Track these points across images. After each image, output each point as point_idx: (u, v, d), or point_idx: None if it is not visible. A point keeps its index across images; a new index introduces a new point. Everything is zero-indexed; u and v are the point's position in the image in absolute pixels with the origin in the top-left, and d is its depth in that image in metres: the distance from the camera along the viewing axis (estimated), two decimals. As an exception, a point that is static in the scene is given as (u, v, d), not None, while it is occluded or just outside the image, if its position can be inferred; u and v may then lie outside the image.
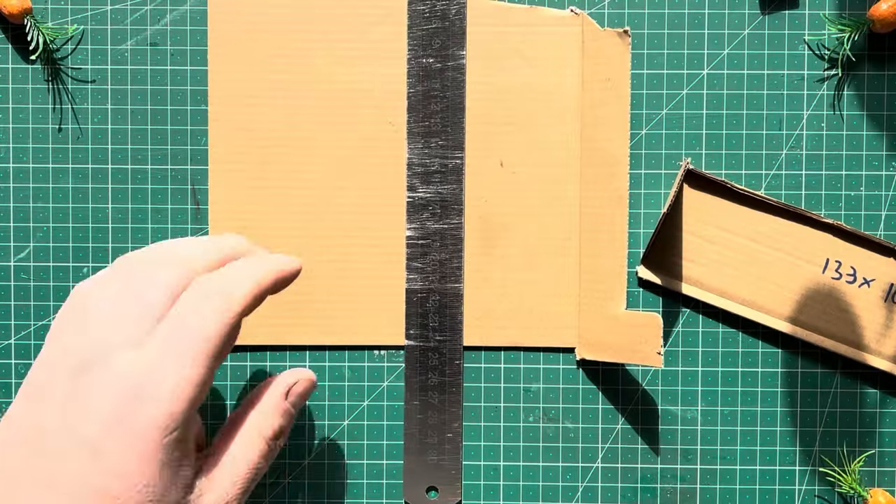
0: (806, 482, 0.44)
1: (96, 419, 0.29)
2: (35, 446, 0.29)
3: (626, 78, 0.42)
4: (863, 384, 0.44)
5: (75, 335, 0.31)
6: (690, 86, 0.44)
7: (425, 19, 0.43)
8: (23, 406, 0.31)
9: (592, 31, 0.43)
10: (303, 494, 0.45)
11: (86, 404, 0.29)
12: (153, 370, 0.30)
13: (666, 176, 0.44)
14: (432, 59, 0.43)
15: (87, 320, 0.31)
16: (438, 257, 0.44)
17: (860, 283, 0.43)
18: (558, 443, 0.45)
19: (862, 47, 0.44)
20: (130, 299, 0.31)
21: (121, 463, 0.29)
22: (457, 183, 0.44)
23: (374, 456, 0.45)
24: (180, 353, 0.30)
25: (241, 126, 0.44)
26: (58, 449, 0.29)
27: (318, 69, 0.44)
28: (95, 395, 0.29)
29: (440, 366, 0.44)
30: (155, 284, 0.31)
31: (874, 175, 0.44)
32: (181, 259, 0.32)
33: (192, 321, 0.30)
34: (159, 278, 0.31)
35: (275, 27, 0.43)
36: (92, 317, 0.31)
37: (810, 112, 0.44)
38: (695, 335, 0.44)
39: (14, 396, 0.44)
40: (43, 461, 0.29)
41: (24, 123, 0.44)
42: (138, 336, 0.30)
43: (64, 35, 0.44)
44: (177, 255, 0.32)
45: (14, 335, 0.44)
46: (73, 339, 0.31)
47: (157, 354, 0.30)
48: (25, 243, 0.44)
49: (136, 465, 0.29)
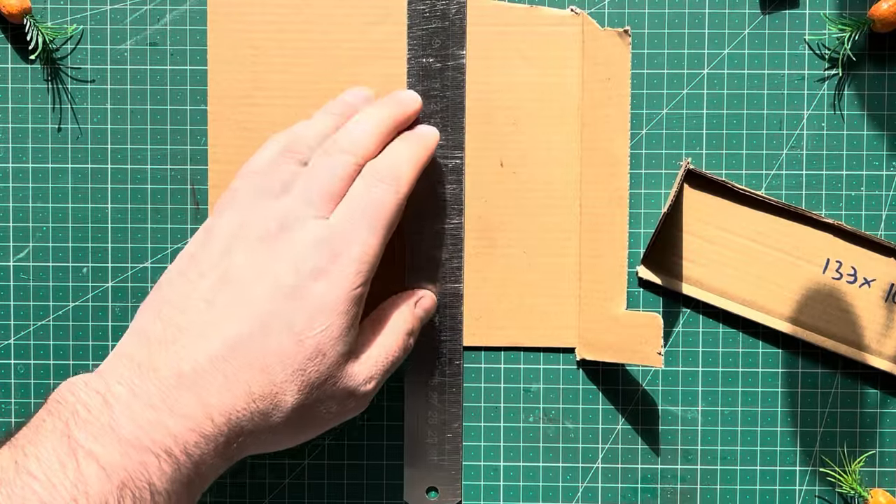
0: (806, 483, 0.44)
1: (294, 268, 0.35)
2: (223, 280, 0.35)
3: (627, 78, 0.42)
4: (863, 384, 0.44)
5: (270, 200, 0.37)
6: (691, 85, 0.44)
7: (425, 19, 0.43)
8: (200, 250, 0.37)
9: (592, 31, 0.43)
10: (303, 494, 0.45)
11: (284, 256, 0.35)
12: (341, 235, 0.36)
13: (666, 176, 0.44)
14: (432, 59, 0.43)
15: (277, 194, 0.37)
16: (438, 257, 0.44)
17: (861, 283, 0.43)
18: (558, 443, 0.44)
19: (862, 47, 0.44)
20: (313, 181, 0.37)
21: (311, 305, 0.35)
22: (457, 183, 0.44)
23: (374, 456, 0.45)
24: (363, 225, 0.36)
25: (240, 126, 0.44)
26: (250, 287, 0.35)
27: (318, 69, 0.44)
28: (295, 250, 0.35)
29: (440, 366, 0.44)
30: (333, 166, 0.37)
31: (875, 175, 0.44)
32: (352, 147, 0.38)
33: (371, 200, 0.36)
34: (336, 165, 0.37)
35: (275, 27, 0.43)
36: (282, 194, 0.37)
37: (811, 112, 0.44)
38: (695, 335, 0.44)
39: (13, 397, 0.44)
40: (232, 295, 0.35)
41: (24, 123, 0.44)
42: (324, 211, 0.36)
43: (63, 35, 0.44)
44: (347, 143, 0.38)
45: (13, 335, 0.44)
46: (264, 207, 0.37)
47: (343, 224, 0.36)
48: (25, 243, 0.44)
49: (323, 309, 0.35)
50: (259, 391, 0.34)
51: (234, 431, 0.34)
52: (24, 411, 0.44)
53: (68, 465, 0.30)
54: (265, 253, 0.35)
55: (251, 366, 0.34)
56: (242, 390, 0.34)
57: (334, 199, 0.37)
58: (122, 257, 0.44)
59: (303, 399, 0.35)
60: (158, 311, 0.35)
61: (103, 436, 0.31)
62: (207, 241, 0.37)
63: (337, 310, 0.35)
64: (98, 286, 0.44)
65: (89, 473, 0.30)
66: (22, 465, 0.29)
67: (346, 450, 0.45)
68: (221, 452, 0.33)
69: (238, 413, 0.33)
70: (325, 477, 0.45)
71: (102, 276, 0.44)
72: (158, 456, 0.31)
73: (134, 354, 0.34)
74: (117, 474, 0.30)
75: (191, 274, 0.36)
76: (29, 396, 0.44)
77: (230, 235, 0.36)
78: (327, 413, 0.36)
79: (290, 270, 0.35)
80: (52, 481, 0.29)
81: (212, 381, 0.33)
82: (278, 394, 0.34)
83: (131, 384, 0.32)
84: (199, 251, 0.36)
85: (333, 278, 0.35)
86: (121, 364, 0.33)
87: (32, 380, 0.44)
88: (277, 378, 0.34)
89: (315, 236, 0.35)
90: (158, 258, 0.44)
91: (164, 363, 0.33)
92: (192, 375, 0.33)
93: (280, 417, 0.35)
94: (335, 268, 0.35)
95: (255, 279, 0.35)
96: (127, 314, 0.44)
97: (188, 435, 0.32)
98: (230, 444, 0.34)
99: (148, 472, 0.31)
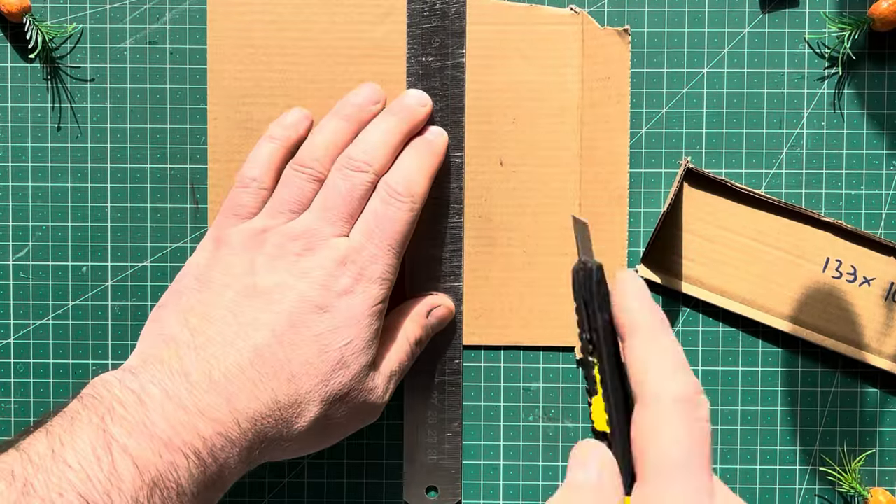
0: (806, 481, 0.44)
1: (318, 284, 0.37)
2: (249, 293, 0.37)
3: (626, 77, 0.42)
4: (863, 383, 0.44)
5: (286, 217, 0.39)
6: (690, 84, 0.44)
7: (425, 18, 0.43)
8: (213, 260, 0.38)
9: (592, 30, 0.43)
10: (302, 493, 0.45)
11: (308, 273, 0.37)
12: (362, 253, 0.37)
13: (666, 175, 0.44)
14: (432, 58, 0.43)
15: (294, 210, 0.39)
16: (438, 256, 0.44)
17: (860, 282, 0.43)
18: (558, 442, 0.44)
19: (862, 46, 0.44)
20: (333, 201, 0.38)
21: (336, 319, 0.36)
22: (456, 182, 0.44)
23: (373, 455, 0.45)
24: (383, 243, 0.38)
25: (240, 125, 0.44)
26: (277, 301, 0.36)
27: (318, 68, 0.44)
28: (320, 267, 0.37)
29: (440, 365, 0.44)
30: (353, 186, 0.38)
31: (874, 174, 0.44)
32: (367, 164, 0.39)
33: (388, 218, 0.38)
34: (355, 185, 0.38)
35: (274, 26, 0.43)
36: (299, 211, 0.39)
37: (810, 111, 0.44)
38: (695, 334, 0.44)
39: (12, 396, 0.44)
40: (259, 308, 0.36)
41: (23, 122, 0.44)
42: (344, 229, 0.38)
43: (63, 34, 0.44)
44: (362, 160, 0.39)
45: (13, 334, 0.44)
46: (282, 223, 0.38)
47: (363, 242, 0.38)
48: (24, 242, 0.44)
49: (349, 323, 0.37)
50: (285, 400, 0.35)
51: (259, 437, 0.35)
52: (23, 410, 0.44)
53: (104, 459, 0.30)
54: (290, 269, 0.37)
55: (277, 375, 0.35)
56: (269, 398, 0.35)
57: (354, 216, 0.38)
58: (121, 256, 0.44)
59: (325, 409, 0.36)
60: (185, 321, 0.36)
61: (138, 433, 0.31)
62: (224, 251, 0.38)
63: (361, 324, 0.37)
64: (98, 285, 0.44)
65: (123, 469, 0.30)
66: (59, 455, 0.30)
67: (345, 449, 0.45)
68: (244, 458, 0.35)
69: (264, 420, 0.35)
70: (324, 476, 0.45)
71: (102, 274, 0.44)
72: (188, 457, 0.32)
73: (164, 358, 0.35)
74: (149, 472, 0.31)
75: (213, 285, 0.37)
76: (28, 396, 0.44)
77: (250, 250, 0.38)
78: (347, 423, 0.38)
79: (314, 286, 0.37)
80: (87, 473, 0.30)
81: (240, 388, 0.34)
82: (302, 403, 0.36)
83: (164, 386, 0.33)
84: (217, 262, 0.38)
85: (357, 295, 0.37)
86: (152, 366, 0.34)
87: (32, 379, 0.44)
88: (303, 388, 0.36)
89: (338, 255, 0.37)
90: (158, 257, 0.44)
91: (196, 368, 0.34)
92: (222, 381, 0.34)
93: (303, 426, 0.36)
94: (359, 286, 0.37)
95: (281, 294, 0.37)
96: (126, 313, 0.44)
97: (216, 438, 0.33)
98: (253, 449, 0.35)
99: (177, 473, 0.32)
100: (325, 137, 0.40)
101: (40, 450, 0.30)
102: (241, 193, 0.39)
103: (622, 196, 0.42)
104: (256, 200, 0.39)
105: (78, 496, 0.29)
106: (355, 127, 0.40)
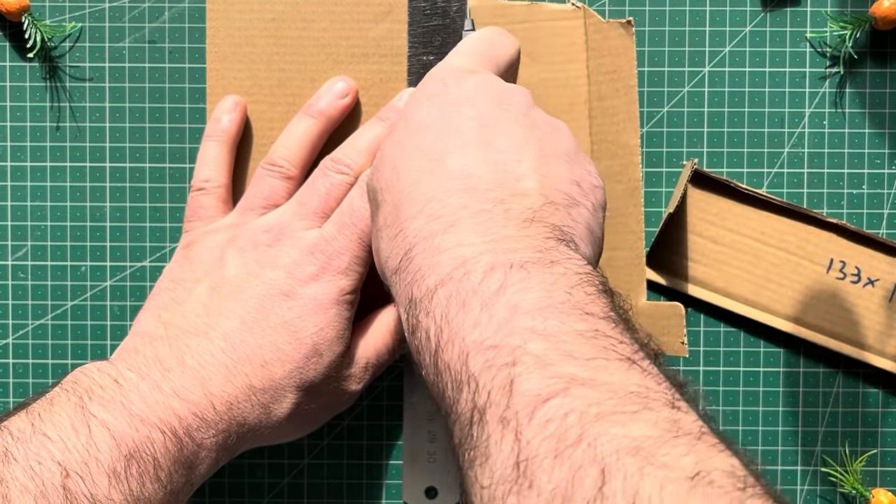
0: (808, 482, 0.44)
1: (286, 272, 0.37)
2: (218, 285, 0.38)
3: (633, 68, 0.42)
4: (865, 384, 0.44)
5: (257, 213, 0.40)
6: (692, 83, 0.44)
7: (426, 16, 0.43)
8: (190, 256, 0.39)
9: (595, 24, 0.43)
10: (302, 494, 0.45)
11: (277, 262, 0.38)
12: (332, 244, 0.38)
13: (667, 174, 0.44)
14: (433, 57, 0.43)
15: (264, 207, 0.40)
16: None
17: (864, 283, 0.43)
18: (559, 442, 0.44)
19: (864, 45, 0.44)
20: (311, 199, 0.39)
21: (304, 306, 0.37)
22: (457, 181, 0.43)
23: (373, 456, 0.45)
24: (353, 236, 0.38)
25: (240, 124, 0.43)
26: (245, 290, 0.37)
27: (318, 67, 0.43)
28: (288, 256, 0.38)
29: (440, 365, 0.44)
30: (332, 186, 0.39)
31: (876, 173, 0.44)
32: (349, 167, 0.39)
33: (362, 211, 0.38)
34: (335, 185, 0.39)
35: (274, 24, 0.43)
36: (270, 208, 0.40)
37: (812, 110, 0.44)
38: (697, 335, 0.44)
39: (11, 397, 0.44)
40: (227, 297, 0.37)
41: (22, 121, 0.44)
42: (317, 222, 0.39)
43: (62, 32, 0.44)
44: (345, 163, 0.40)
45: (12, 334, 0.44)
46: (252, 219, 0.39)
47: (334, 233, 0.38)
48: (23, 242, 0.44)
49: (317, 311, 0.37)
50: (260, 385, 0.36)
51: (236, 421, 0.36)
52: (22, 411, 0.44)
53: (81, 430, 0.32)
54: (258, 260, 0.38)
55: (250, 360, 0.36)
56: (243, 382, 0.36)
57: (327, 214, 0.39)
58: (120, 256, 0.44)
59: (302, 396, 0.37)
60: (158, 316, 0.38)
61: (114, 409, 0.33)
62: (196, 250, 0.39)
63: (329, 312, 0.37)
64: (96, 285, 0.44)
65: (100, 440, 0.32)
66: (38, 428, 0.32)
67: (345, 449, 0.45)
68: (222, 441, 0.35)
69: (240, 405, 0.36)
70: (324, 477, 0.45)
71: (101, 274, 0.44)
72: (164, 433, 0.33)
73: (140, 349, 0.36)
74: (126, 444, 0.32)
75: (185, 282, 0.38)
76: (28, 395, 0.44)
77: (221, 245, 0.39)
78: (321, 411, 0.39)
79: (280, 273, 0.37)
80: (66, 444, 0.31)
81: (213, 373, 0.36)
82: (278, 389, 0.37)
83: (140, 371, 0.35)
84: (188, 261, 0.39)
85: (323, 283, 0.37)
86: (128, 356, 0.36)
87: (31, 379, 0.44)
88: (276, 374, 0.36)
89: (307, 244, 0.38)
90: (157, 257, 0.44)
91: (169, 356, 0.36)
92: (195, 367, 0.35)
93: (282, 413, 0.37)
94: (325, 274, 0.37)
95: (249, 283, 0.37)
96: (126, 313, 0.44)
97: (191, 419, 0.34)
98: (230, 433, 0.36)
99: (153, 447, 0.33)
100: (295, 136, 0.41)
101: (20, 425, 0.32)
102: (198, 196, 0.41)
103: (636, 189, 0.42)
104: (216, 199, 0.41)
105: (56, 464, 0.30)
106: (324, 124, 0.41)
